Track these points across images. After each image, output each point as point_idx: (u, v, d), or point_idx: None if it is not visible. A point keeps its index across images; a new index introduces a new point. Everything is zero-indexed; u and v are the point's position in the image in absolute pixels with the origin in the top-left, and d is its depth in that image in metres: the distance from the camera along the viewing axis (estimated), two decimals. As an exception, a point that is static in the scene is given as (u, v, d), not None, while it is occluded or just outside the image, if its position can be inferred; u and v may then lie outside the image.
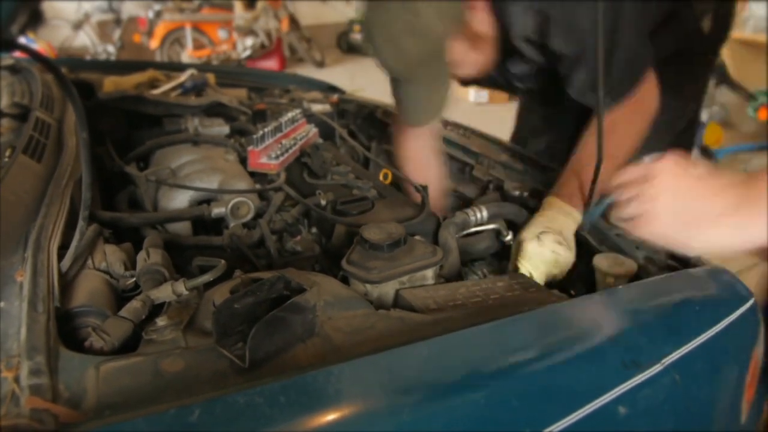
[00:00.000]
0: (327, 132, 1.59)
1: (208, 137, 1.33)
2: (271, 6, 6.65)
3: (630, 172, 0.72)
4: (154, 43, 6.20)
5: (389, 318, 0.68)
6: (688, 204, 0.66)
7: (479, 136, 1.45)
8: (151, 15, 6.33)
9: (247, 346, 0.54)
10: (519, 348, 0.61)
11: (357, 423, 0.49)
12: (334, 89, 2.03)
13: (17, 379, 0.50)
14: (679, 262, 0.91)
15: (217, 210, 1.05)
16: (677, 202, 0.66)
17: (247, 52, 6.52)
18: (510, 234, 1.05)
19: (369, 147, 1.66)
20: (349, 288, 0.77)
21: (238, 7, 6.95)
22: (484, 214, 1.05)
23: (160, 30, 6.22)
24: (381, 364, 0.56)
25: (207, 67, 2.42)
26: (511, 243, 1.06)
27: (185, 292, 0.70)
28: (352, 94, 1.97)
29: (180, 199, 1.08)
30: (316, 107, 1.72)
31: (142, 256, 0.80)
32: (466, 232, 1.06)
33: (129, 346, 0.62)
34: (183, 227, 1.07)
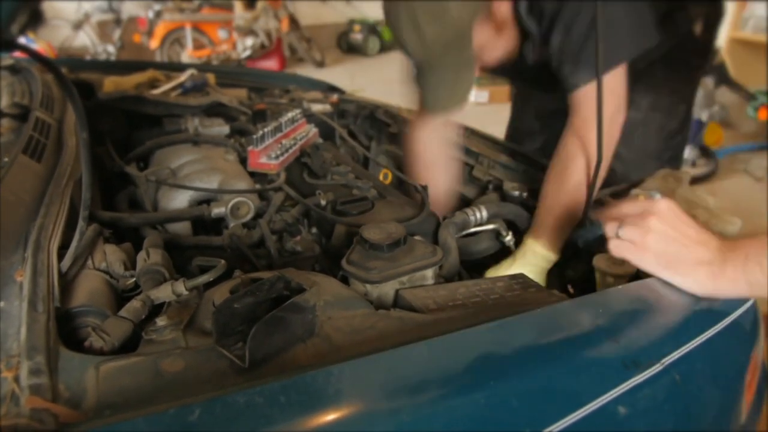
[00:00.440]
0: (327, 132, 1.59)
1: (208, 137, 1.33)
2: (271, 6, 6.65)
3: (631, 206, 0.78)
4: (154, 43, 6.20)
5: (389, 318, 0.68)
6: (674, 247, 0.73)
7: (479, 136, 1.46)
8: (151, 15, 6.33)
9: (247, 346, 0.54)
10: (519, 348, 0.61)
11: (357, 423, 0.49)
12: (334, 89, 2.03)
13: (17, 378, 0.50)
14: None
15: (217, 210, 1.05)
16: (665, 243, 0.73)
17: (247, 52, 6.52)
18: (509, 234, 1.06)
19: (369, 147, 1.67)
20: (349, 288, 0.77)
21: (238, 7, 6.95)
22: (484, 214, 1.05)
23: (160, 30, 6.22)
24: (381, 364, 0.56)
25: (207, 67, 2.42)
26: (510, 243, 1.06)
27: (185, 292, 0.70)
28: (352, 94, 1.97)
29: (180, 199, 1.08)
30: (316, 107, 1.72)
31: (142, 256, 0.80)
32: (465, 232, 1.06)
33: (129, 346, 0.62)
34: (183, 227, 1.07)
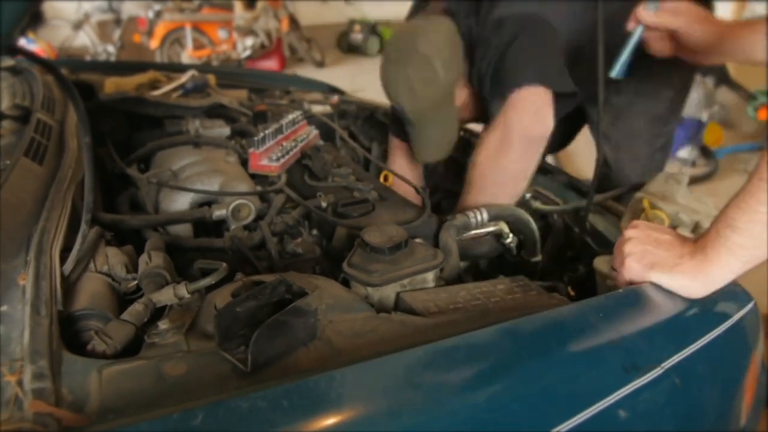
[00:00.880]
0: (327, 133, 1.59)
1: (209, 139, 1.33)
2: (271, 6, 6.64)
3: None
4: (154, 43, 6.20)
5: (390, 321, 0.68)
6: (651, 247, 0.76)
7: (480, 137, 1.46)
8: (151, 15, 6.32)
9: (249, 350, 0.54)
10: (520, 351, 0.61)
11: (359, 427, 0.49)
12: (334, 90, 2.03)
13: (20, 382, 0.51)
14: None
15: (218, 212, 1.05)
16: (642, 244, 0.77)
17: (247, 52, 6.51)
18: (510, 236, 1.06)
19: (369, 148, 1.67)
20: (350, 291, 0.77)
21: (238, 7, 6.94)
22: (485, 216, 1.05)
23: (160, 30, 6.22)
24: (383, 367, 0.56)
25: (207, 68, 2.42)
26: (512, 245, 1.06)
27: (187, 295, 0.70)
28: (352, 95, 1.98)
29: (181, 201, 1.08)
30: (317, 108, 1.72)
31: (143, 259, 0.80)
32: (466, 235, 1.06)
33: (131, 349, 0.62)
34: (184, 229, 1.07)
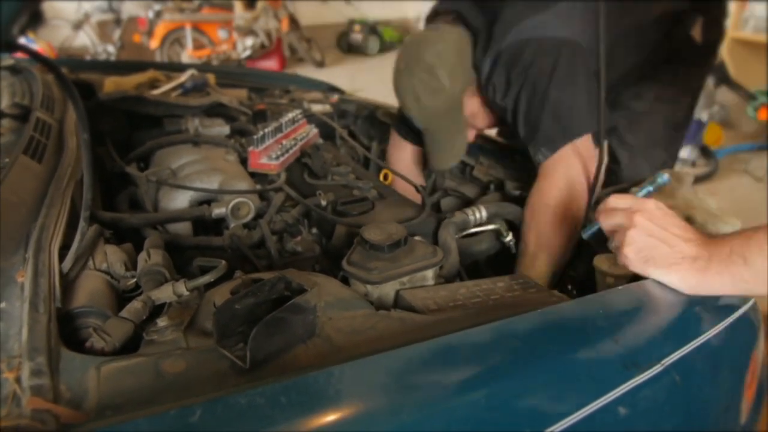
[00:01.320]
0: (327, 132, 1.59)
1: (209, 138, 1.33)
2: (271, 6, 6.65)
3: (618, 201, 0.78)
4: (154, 43, 6.20)
5: (390, 318, 0.68)
6: (655, 242, 0.72)
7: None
8: (151, 15, 6.33)
9: (247, 347, 0.54)
10: (519, 349, 0.61)
11: (358, 424, 0.49)
12: (334, 89, 2.03)
13: (19, 379, 0.50)
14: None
15: (218, 210, 1.05)
16: (647, 238, 0.73)
17: (247, 52, 6.52)
18: (510, 234, 1.06)
19: (369, 147, 1.67)
20: (349, 288, 0.77)
21: (238, 7, 6.95)
22: (483, 214, 1.05)
23: (160, 30, 6.22)
24: (382, 364, 0.56)
25: (207, 67, 2.42)
26: (511, 243, 1.06)
27: (186, 293, 0.70)
28: (352, 95, 1.97)
29: (180, 200, 1.08)
30: (317, 108, 1.72)
31: (142, 257, 0.80)
32: (465, 233, 1.06)
33: (130, 346, 0.62)
34: (183, 228, 1.07)
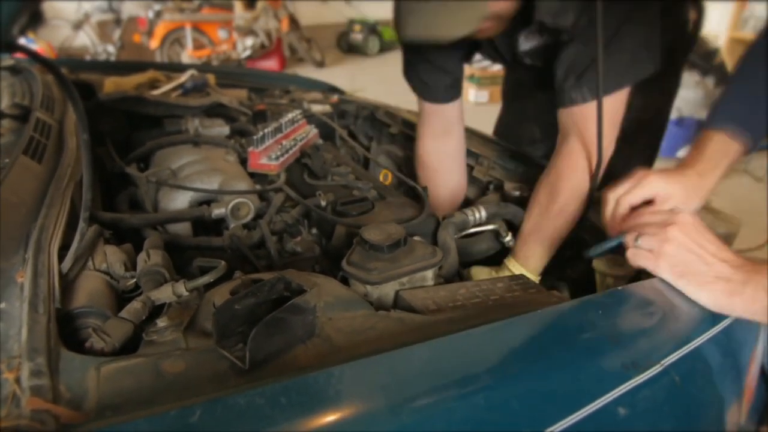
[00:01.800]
0: (327, 133, 1.59)
1: (209, 138, 1.33)
2: (271, 6, 6.65)
3: (653, 215, 0.78)
4: (154, 43, 6.21)
5: (389, 319, 0.68)
6: (691, 258, 0.72)
7: (479, 137, 1.46)
8: (151, 15, 6.33)
9: (247, 348, 0.54)
10: (519, 349, 0.61)
11: (358, 424, 0.49)
12: (334, 89, 2.03)
13: (18, 380, 0.50)
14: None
15: (218, 211, 1.05)
16: (683, 253, 0.73)
17: (247, 52, 6.52)
18: (509, 235, 1.06)
19: (369, 148, 1.67)
20: (349, 289, 0.77)
21: (238, 7, 6.95)
22: (483, 214, 1.05)
23: (160, 30, 6.22)
24: (381, 365, 0.56)
25: (207, 67, 2.42)
26: (510, 244, 1.06)
27: (185, 293, 0.70)
28: (352, 95, 1.98)
29: (180, 200, 1.08)
30: (316, 108, 1.72)
31: (142, 257, 0.80)
32: (465, 233, 1.06)
33: (129, 347, 0.62)
34: (183, 228, 1.07)
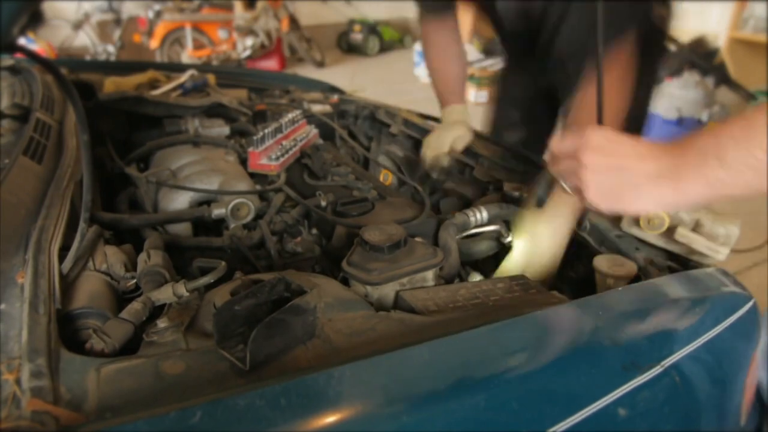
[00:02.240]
0: (327, 133, 1.59)
1: (209, 138, 1.33)
2: (271, 6, 6.64)
3: (560, 145, 0.72)
4: (154, 43, 6.20)
5: (390, 320, 0.68)
6: (613, 175, 0.65)
7: (479, 137, 1.46)
8: (151, 15, 6.32)
9: (247, 348, 0.54)
10: (519, 350, 0.61)
11: (358, 425, 0.49)
12: (334, 89, 2.03)
13: (18, 381, 0.50)
14: (680, 263, 0.91)
15: (218, 211, 1.05)
16: (607, 169, 0.65)
17: (247, 52, 6.51)
18: (510, 235, 1.05)
19: (369, 148, 1.67)
20: (349, 289, 0.77)
21: (238, 7, 6.95)
22: (484, 215, 1.05)
23: (160, 30, 6.22)
24: (382, 366, 0.56)
25: (207, 67, 2.42)
26: (511, 245, 1.06)
27: (186, 294, 0.70)
28: (352, 95, 1.97)
29: (180, 200, 1.08)
30: (316, 108, 1.72)
31: (142, 258, 0.80)
32: (466, 234, 1.06)
33: (130, 347, 0.62)
34: (183, 228, 1.07)
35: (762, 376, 0.82)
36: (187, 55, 6.19)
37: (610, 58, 1.05)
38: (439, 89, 1.49)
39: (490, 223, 1.07)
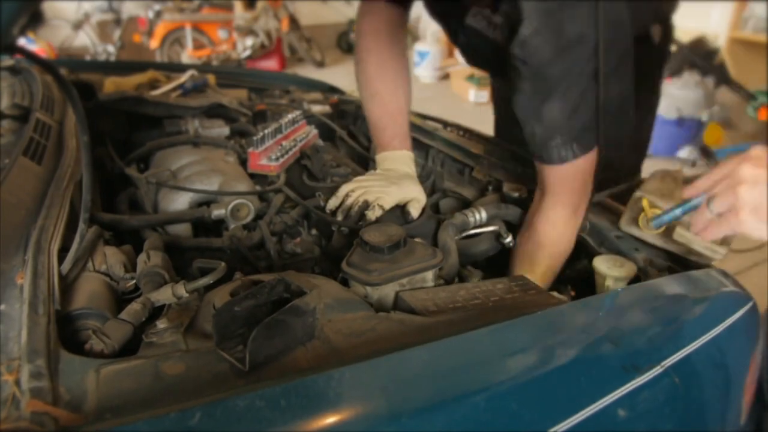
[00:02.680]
0: (327, 133, 1.59)
1: (209, 139, 1.33)
2: (271, 6, 6.65)
3: (716, 172, 0.67)
4: (154, 43, 6.20)
5: (389, 320, 0.68)
6: None
7: (479, 137, 1.46)
8: (151, 15, 6.32)
9: (247, 349, 0.54)
10: (519, 351, 0.61)
11: (357, 426, 0.49)
12: (334, 89, 2.03)
13: (18, 382, 0.50)
14: (679, 264, 0.91)
15: (217, 212, 1.05)
16: (763, 189, 0.60)
17: (247, 52, 6.52)
18: (509, 236, 1.05)
19: (368, 148, 1.67)
20: (349, 290, 0.77)
21: (238, 7, 6.95)
22: (483, 215, 1.05)
23: (160, 30, 6.22)
24: (381, 367, 0.56)
25: (207, 67, 2.42)
26: (510, 245, 1.06)
27: (185, 295, 0.70)
28: (352, 95, 1.97)
29: (180, 201, 1.08)
30: (316, 108, 1.72)
31: (142, 259, 0.80)
32: (465, 234, 1.06)
33: (129, 348, 0.62)
34: (183, 229, 1.07)
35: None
36: (187, 55, 6.19)
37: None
38: (380, 124, 1.14)
39: (489, 223, 1.07)
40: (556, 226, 0.99)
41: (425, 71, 6.31)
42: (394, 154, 1.13)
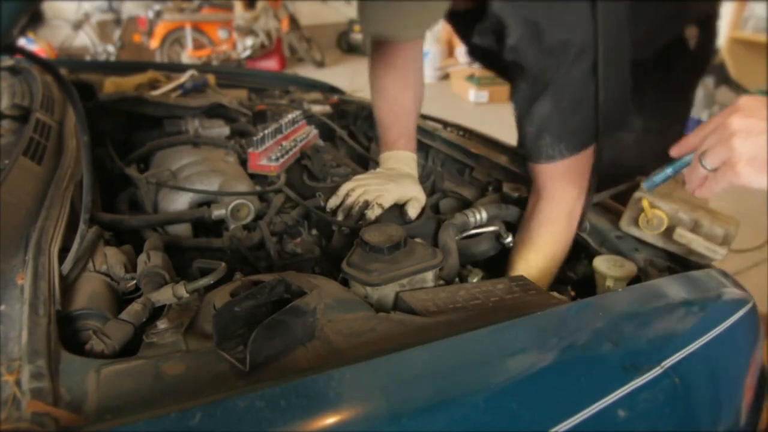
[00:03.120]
0: (327, 133, 1.59)
1: (209, 139, 1.33)
2: (271, 6, 6.65)
3: (702, 129, 0.65)
4: (154, 43, 6.21)
5: (389, 321, 0.68)
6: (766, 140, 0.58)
7: (479, 137, 1.46)
8: (151, 15, 6.33)
9: (247, 350, 0.54)
10: (519, 351, 0.61)
11: (358, 426, 0.49)
12: (334, 89, 2.03)
13: (18, 382, 0.50)
14: (679, 264, 0.91)
15: (218, 212, 1.05)
16: (761, 131, 0.58)
17: (247, 52, 6.52)
18: (510, 236, 1.05)
19: (368, 148, 1.67)
20: (349, 291, 0.77)
21: (238, 7, 6.96)
22: (483, 215, 1.05)
23: (160, 30, 6.22)
24: (381, 367, 0.56)
25: (207, 67, 2.42)
26: (510, 245, 1.06)
27: (186, 295, 0.70)
28: (351, 95, 1.98)
29: (180, 201, 1.08)
30: (316, 108, 1.72)
31: (142, 259, 0.80)
32: (465, 234, 1.06)
33: (130, 349, 0.62)
34: (183, 229, 1.07)
35: None
36: (187, 55, 6.19)
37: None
38: (385, 122, 1.15)
39: (489, 223, 1.07)
40: (549, 227, 1.00)
41: (425, 71, 6.31)
42: (398, 154, 1.14)
